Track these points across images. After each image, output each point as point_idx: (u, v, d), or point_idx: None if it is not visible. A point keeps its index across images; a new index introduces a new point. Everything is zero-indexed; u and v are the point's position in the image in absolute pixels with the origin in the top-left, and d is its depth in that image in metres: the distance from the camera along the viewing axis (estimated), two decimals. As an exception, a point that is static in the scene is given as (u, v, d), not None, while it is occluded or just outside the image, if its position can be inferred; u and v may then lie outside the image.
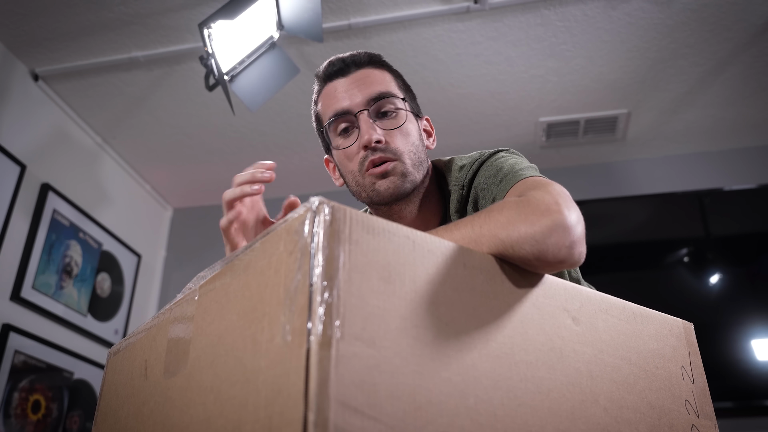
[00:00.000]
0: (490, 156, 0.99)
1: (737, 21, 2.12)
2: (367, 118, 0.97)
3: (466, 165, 1.01)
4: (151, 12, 2.08)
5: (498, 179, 0.91)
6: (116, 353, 0.81)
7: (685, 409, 0.71)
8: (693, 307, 2.45)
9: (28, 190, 2.29)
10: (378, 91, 0.99)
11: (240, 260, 0.59)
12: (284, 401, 0.46)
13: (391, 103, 0.99)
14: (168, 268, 3.11)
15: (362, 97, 0.98)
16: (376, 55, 1.05)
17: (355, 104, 0.98)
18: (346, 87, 1.00)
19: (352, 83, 1.00)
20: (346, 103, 0.99)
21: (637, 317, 0.73)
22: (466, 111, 2.58)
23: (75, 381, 2.38)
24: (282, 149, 2.80)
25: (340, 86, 1.00)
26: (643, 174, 2.85)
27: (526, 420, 0.56)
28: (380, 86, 1.00)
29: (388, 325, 0.51)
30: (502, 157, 0.97)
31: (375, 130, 0.96)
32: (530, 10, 2.10)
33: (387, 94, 0.99)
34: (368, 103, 0.98)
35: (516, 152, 1.00)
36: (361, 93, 0.98)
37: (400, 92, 1.03)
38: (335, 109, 0.99)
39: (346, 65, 1.01)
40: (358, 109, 0.98)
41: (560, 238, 0.67)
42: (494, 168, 0.94)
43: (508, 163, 0.93)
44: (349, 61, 1.02)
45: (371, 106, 0.98)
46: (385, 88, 1.00)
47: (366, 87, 0.99)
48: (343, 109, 0.99)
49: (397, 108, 1.00)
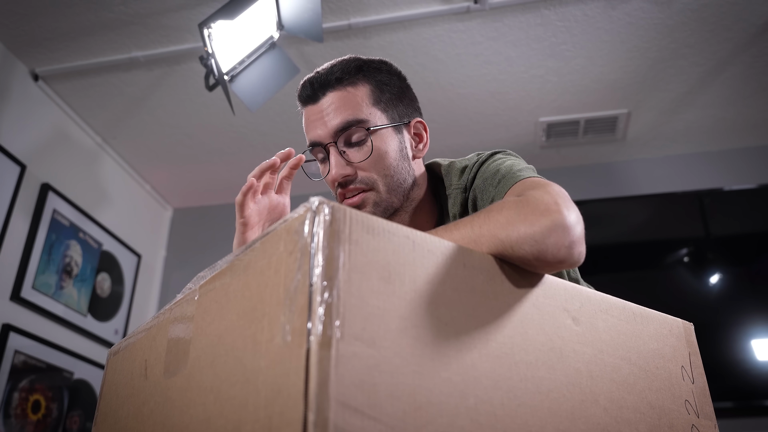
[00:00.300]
0: (487, 158, 0.98)
1: (737, 21, 2.12)
2: (335, 151, 0.96)
3: (467, 168, 1.00)
4: (151, 12, 2.08)
5: (496, 180, 0.90)
6: (116, 353, 0.81)
7: (685, 409, 0.71)
8: (693, 307, 2.45)
9: (28, 190, 2.29)
10: (345, 120, 0.95)
11: (240, 260, 0.59)
12: (284, 401, 0.46)
13: (359, 130, 0.96)
14: (168, 268, 3.11)
15: (328, 129, 0.96)
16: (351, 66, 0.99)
17: (325, 135, 0.97)
18: (315, 116, 0.98)
19: (320, 112, 0.98)
20: (317, 133, 0.98)
21: (637, 317, 0.73)
22: (466, 111, 2.58)
23: (75, 381, 2.38)
24: (282, 149, 2.79)
25: (312, 114, 0.99)
26: (643, 174, 2.85)
27: (526, 420, 0.56)
28: (347, 113, 0.96)
29: (388, 325, 0.51)
30: (500, 158, 0.96)
31: (341, 165, 0.96)
32: (530, 10, 2.10)
33: (353, 122, 0.96)
34: (335, 135, 0.96)
35: (513, 153, 1.00)
36: (327, 124, 0.96)
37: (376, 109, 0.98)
38: (310, 139, 1.00)
39: (314, 91, 0.99)
40: (326, 141, 0.97)
41: (560, 238, 0.67)
42: (492, 170, 0.93)
43: (505, 164, 0.93)
44: (317, 86, 0.98)
45: (338, 138, 0.96)
46: (352, 115, 0.96)
47: (333, 117, 0.96)
48: (315, 140, 0.98)
49: (368, 134, 0.96)
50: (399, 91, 1.02)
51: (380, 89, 1.00)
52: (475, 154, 1.02)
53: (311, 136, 0.99)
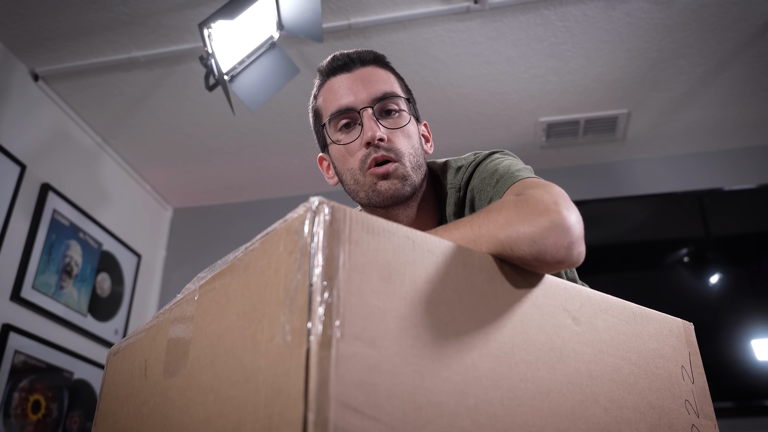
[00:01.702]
0: (485, 158, 0.98)
1: (737, 21, 2.12)
2: (371, 115, 0.96)
3: (462, 167, 1.00)
4: (151, 12, 2.08)
5: (494, 180, 0.90)
6: (116, 353, 0.81)
7: (685, 409, 0.71)
8: (693, 307, 2.45)
9: (28, 190, 2.29)
10: (383, 90, 0.98)
11: (240, 260, 0.59)
12: (284, 401, 0.46)
13: (395, 103, 0.99)
14: (168, 268, 3.11)
15: (367, 94, 0.97)
16: (381, 55, 1.04)
17: (360, 101, 0.97)
18: (350, 83, 0.99)
19: (357, 80, 0.99)
20: (350, 98, 0.98)
21: (637, 317, 0.73)
22: (466, 111, 2.58)
23: (75, 381, 2.38)
24: (282, 149, 2.80)
25: (344, 82, 0.99)
26: (643, 174, 2.85)
27: (526, 420, 0.56)
28: (385, 85, 0.99)
29: (388, 325, 0.51)
30: (497, 158, 0.97)
31: (379, 127, 0.96)
32: (530, 10, 2.10)
33: (391, 93, 0.99)
34: (373, 101, 0.97)
35: (511, 153, 1.00)
36: (365, 90, 0.98)
37: (404, 94, 1.03)
38: (338, 104, 0.98)
39: (351, 60, 1.00)
40: (362, 106, 0.97)
41: (559, 239, 0.67)
42: (489, 170, 0.93)
43: (503, 164, 0.93)
44: (354, 57, 1.00)
45: (375, 105, 0.97)
46: (389, 88, 0.99)
47: (371, 85, 0.98)
48: (347, 105, 0.98)
49: (400, 109, 0.99)
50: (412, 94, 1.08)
51: (403, 84, 1.05)
52: (472, 154, 1.02)
53: (342, 101, 0.98)
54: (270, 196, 3.15)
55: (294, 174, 2.97)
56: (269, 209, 3.11)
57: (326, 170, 1.09)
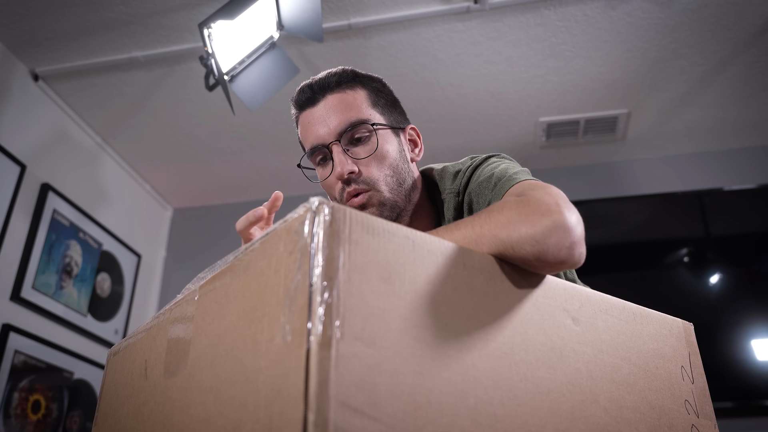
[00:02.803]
0: (482, 162, 0.98)
1: (737, 21, 2.12)
2: (339, 149, 0.96)
3: (460, 172, 1.00)
4: (151, 12, 2.08)
5: (492, 183, 0.90)
6: (116, 353, 0.81)
7: (685, 409, 0.71)
8: (693, 307, 2.45)
9: (28, 190, 2.29)
10: (347, 120, 0.97)
11: (240, 260, 0.59)
12: (284, 401, 0.46)
13: (362, 130, 0.98)
14: (168, 268, 3.11)
15: (331, 128, 0.97)
16: (347, 72, 1.01)
17: (327, 135, 0.97)
18: (316, 118, 0.99)
19: (322, 114, 0.98)
20: (318, 134, 0.98)
21: (637, 317, 0.73)
22: (466, 111, 2.58)
23: (75, 381, 2.38)
24: (282, 149, 2.80)
25: (312, 117, 1.00)
26: (643, 174, 2.85)
27: (526, 420, 0.56)
28: (350, 113, 0.98)
29: (388, 325, 0.51)
30: (494, 162, 0.97)
31: (346, 162, 0.96)
32: (530, 10, 2.10)
33: (356, 122, 0.97)
34: (338, 134, 0.97)
35: (508, 157, 1.00)
36: (330, 124, 0.97)
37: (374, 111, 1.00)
38: (310, 142, 1.00)
39: (313, 93, 1.00)
40: (329, 140, 0.97)
41: (560, 239, 0.67)
42: (487, 173, 0.93)
43: (500, 167, 0.93)
44: (317, 89, 1.00)
45: (342, 137, 0.97)
46: (355, 115, 0.98)
47: (335, 116, 0.97)
48: (316, 142, 0.98)
49: (369, 132, 0.98)
50: (392, 100, 1.06)
51: (376, 95, 1.03)
52: (468, 158, 1.02)
53: (312, 138, 0.99)
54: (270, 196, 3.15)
55: (294, 174, 2.96)
56: (269, 209, 3.10)
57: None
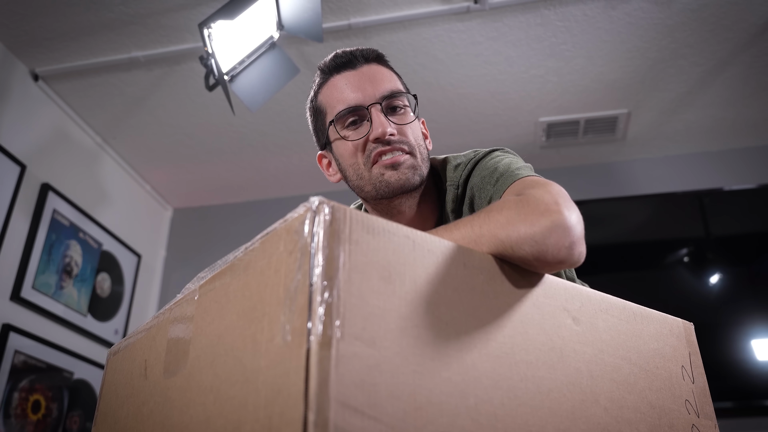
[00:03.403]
0: (484, 155, 0.98)
1: (737, 21, 2.12)
2: (379, 110, 0.97)
3: (461, 164, 1.01)
4: (151, 12, 2.08)
5: (494, 179, 0.90)
6: (116, 353, 0.81)
7: (686, 409, 0.71)
8: (693, 307, 2.45)
9: (28, 190, 2.28)
10: (389, 88, 0.99)
11: (240, 260, 0.59)
12: (284, 401, 0.46)
13: (400, 100, 1.00)
14: (168, 268, 3.11)
15: (374, 90, 0.98)
16: (382, 54, 1.04)
17: (367, 97, 0.97)
18: (355, 80, 0.99)
19: (362, 77, 0.99)
20: (358, 95, 0.98)
21: (637, 317, 0.73)
22: (466, 111, 2.58)
23: (75, 381, 2.38)
24: (282, 149, 2.80)
25: (350, 79, 0.99)
26: (643, 174, 2.85)
27: (526, 420, 0.56)
28: (390, 83, 1.00)
29: (388, 325, 0.51)
30: (497, 156, 0.97)
31: (389, 123, 0.96)
32: (530, 10, 2.10)
33: (397, 91, 1.00)
34: (381, 97, 0.97)
35: (511, 151, 1.00)
36: (372, 87, 0.98)
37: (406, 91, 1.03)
38: (346, 101, 0.98)
39: (354, 58, 1.01)
40: (370, 102, 0.97)
41: (560, 239, 0.67)
42: (489, 168, 0.94)
43: (503, 162, 0.93)
44: (358, 55, 1.01)
45: (383, 101, 0.98)
46: (394, 86, 1.00)
47: (377, 82, 0.99)
48: (355, 101, 0.98)
49: (405, 105, 1.00)
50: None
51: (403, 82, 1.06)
52: (472, 151, 1.02)
53: (351, 98, 0.98)
54: (270, 196, 3.15)
55: (294, 174, 2.97)
56: (269, 209, 3.11)
57: (326, 168, 1.08)
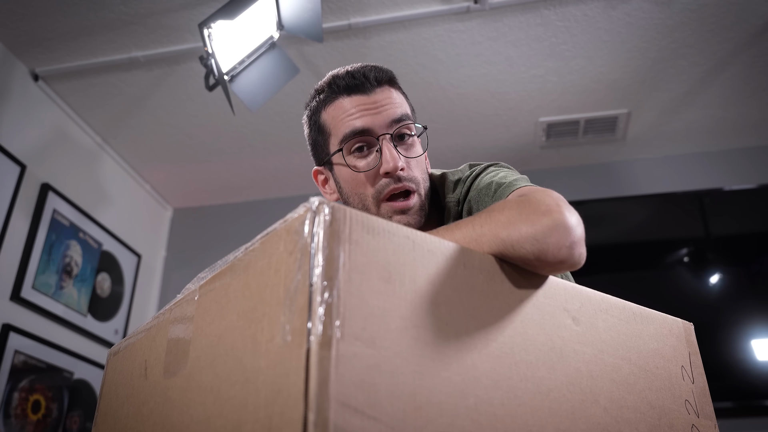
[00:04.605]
0: (481, 171, 0.98)
1: (737, 21, 2.12)
2: (389, 142, 0.94)
3: (460, 180, 1.00)
4: (151, 12, 2.08)
5: (492, 190, 0.91)
6: (116, 353, 0.81)
7: (685, 409, 0.71)
8: (693, 307, 2.45)
9: (28, 190, 2.29)
10: (399, 113, 0.96)
11: (240, 260, 0.59)
12: (284, 401, 0.46)
13: (409, 128, 0.97)
14: (168, 268, 3.11)
15: (385, 118, 0.95)
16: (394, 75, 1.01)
17: (378, 125, 0.94)
18: (367, 105, 0.95)
19: (374, 102, 0.95)
20: (367, 121, 0.94)
21: (637, 317, 0.73)
22: (466, 111, 2.58)
23: (75, 381, 2.38)
24: (282, 149, 2.80)
25: (360, 103, 0.96)
26: (643, 174, 2.85)
27: (526, 420, 0.56)
28: (404, 109, 0.97)
29: (388, 325, 0.51)
30: (493, 170, 0.97)
31: (399, 156, 0.93)
32: (530, 10, 2.10)
33: (407, 117, 0.97)
34: (390, 125, 0.95)
35: (506, 165, 1.00)
36: (383, 114, 0.95)
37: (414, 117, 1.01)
38: (354, 126, 0.95)
39: (367, 80, 0.97)
40: (380, 132, 0.94)
41: (561, 238, 0.67)
42: (486, 181, 0.94)
43: (499, 175, 0.93)
44: (371, 77, 0.97)
45: (393, 130, 0.95)
46: (404, 111, 0.97)
47: (388, 108, 0.95)
48: (364, 128, 0.94)
49: (413, 134, 0.98)
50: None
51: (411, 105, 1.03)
52: (467, 166, 1.02)
53: (359, 123, 0.94)
54: (270, 196, 3.15)
55: (294, 174, 2.97)
56: (269, 209, 3.10)
57: (322, 184, 1.05)
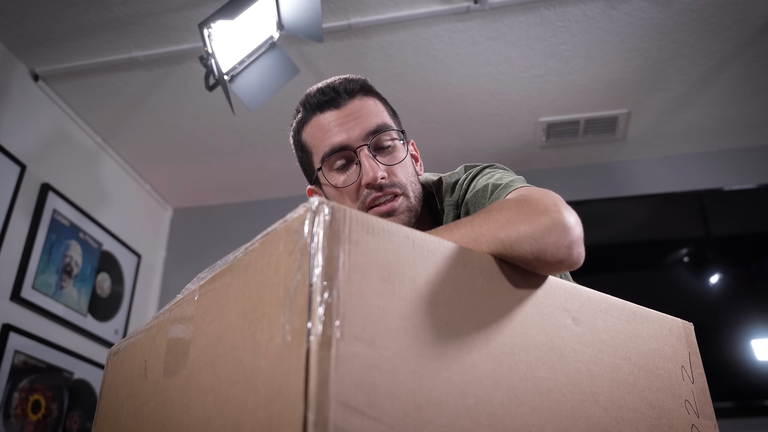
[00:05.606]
0: (478, 173, 0.98)
1: (737, 21, 2.12)
2: (368, 153, 0.93)
3: (456, 183, 1.00)
4: (151, 12, 2.08)
5: (488, 192, 0.91)
6: (116, 353, 0.81)
7: (685, 409, 0.71)
8: (693, 307, 2.45)
9: (28, 190, 2.29)
10: (375, 123, 0.95)
11: (240, 260, 0.59)
12: (284, 401, 0.46)
13: (388, 135, 0.96)
14: (168, 268, 3.11)
15: (360, 130, 0.94)
16: (366, 82, 1.00)
17: (353, 139, 0.94)
18: (340, 120, 0.95)
19: (347, 116, 0.95)
20: (343, 136, 0.94)
21: (637, 317, 0.73)
22: (466, 111, 2.58)
23: (75, 381, 2.38)
24: (282, 149, 2.80)
25: (334, 119, 0.95)
26: (643, 174, 2.85)
27: (526, 420, 0.56)
28: (378, 118, 0.96)
29: (388, 325, 0.51)
30: (489, 172, 0.97)
31: (378, 166, 0.93)
32: (530, 10, 2.10)
33: (384, 126, 0.96)
34: (367, 137, 0.94)
35: (502, 167, 1.00)
36: (358, 126, 0.94)
37: (393, 121, 1.00)
38: (331, 144, 0.94)
39: (338, 95, 0.96)
40: (357, 145, 0.93)
41: (559, 238, 0.67)
42: (482, 183, 0.94)
43: (495, 177, 0.93)
44: (341, 91, 0.96)
45: (370, 141, 0.94)
46: (381, 120, 0.96)
47: (362, 119, 0.95)
48: (341, 144, 0.94)
49: (393, 139, 0.97)
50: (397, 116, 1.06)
51: (389, 106, 1.02)
52: (462, 168, 1.02)
53: (336, 140, 0.94)
54: (270, 196, 3.15)
55: (294, 174, 2.95)
56: (269, 209, 3.11)
57: None
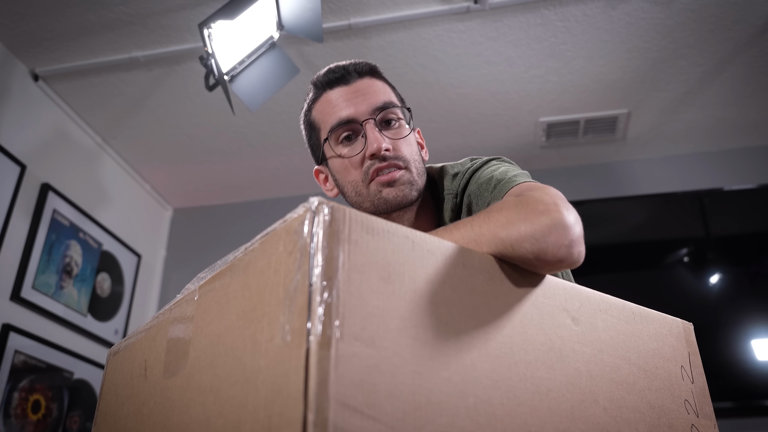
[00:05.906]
0: (482, 165, 0.99)
1: (737, 21, 2.12)
2: (373, 126, 0.96)
3: (458, 173, 1.01)
4: (151, 12, 2.08)
5: (491, 185, 0.91)
6: (116, 353, 0.81)
7: (685, 409, 0.71)
8: (693, 307, 2.45)
9: (28, 190, 2.29)
10: (383, 100, 0.99)
11: (240, 260, 0.59)
12: (284, 401, 0.46)
13: (394, 113, 1.00)
14: (168, 268, 3.11)
15: (367, 105, 0.98)
16: (376, 66, 1.04)
17: (361, 112, 0.97)
18: (349, 95, 0.99)
19: (355, 92, 0.99)
20: (351, 110, 0.98)
21: (637, 317, 0.73)
22: (466, 111, 2.58)
23: (75, 381, 2.38)
24: (282, 149, 2.80)
25: (342, 94, 0.99)
26: (643, 174, 2.85)
27: (525, 420, 0.56)
28: (383, 96, 1.00)
29: (388, 325, 0.51)
30: (494, 165, 0.97)
31: (383, 138, 0.96)
32: (530, 10, 2.10)
33: (390, 103, 0.99)
34: (374, 111, 0.97)
35: (507, 160, 1.01)
36: (366, 101, 0.98)
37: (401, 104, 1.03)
38: (338, 116, 0.98)
39: (347, 72, 1.00)
40: (363, 118, 0.97)
41: (560, 237, 0.67)
42: (486, 175, 0.94)
43: (500, 170, 0.94)
44: (351, 69, 1.01)
45: (377, 115, 0.97)
46: (388, 98, 1.00)
47: (370, 96, 0.99)
48: (348, 116, 0.98)
49: (399, 118, 1.00)
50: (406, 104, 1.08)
51: (398, 94, 1.05)
52: (468, 159, 1.03)
53: (342, 114, 0.98)
54: (270, 196, 3.15)
55: (294, 174, 2.97)
56: (269, 209, 3.11)
57: (323, 182, 1.09)
